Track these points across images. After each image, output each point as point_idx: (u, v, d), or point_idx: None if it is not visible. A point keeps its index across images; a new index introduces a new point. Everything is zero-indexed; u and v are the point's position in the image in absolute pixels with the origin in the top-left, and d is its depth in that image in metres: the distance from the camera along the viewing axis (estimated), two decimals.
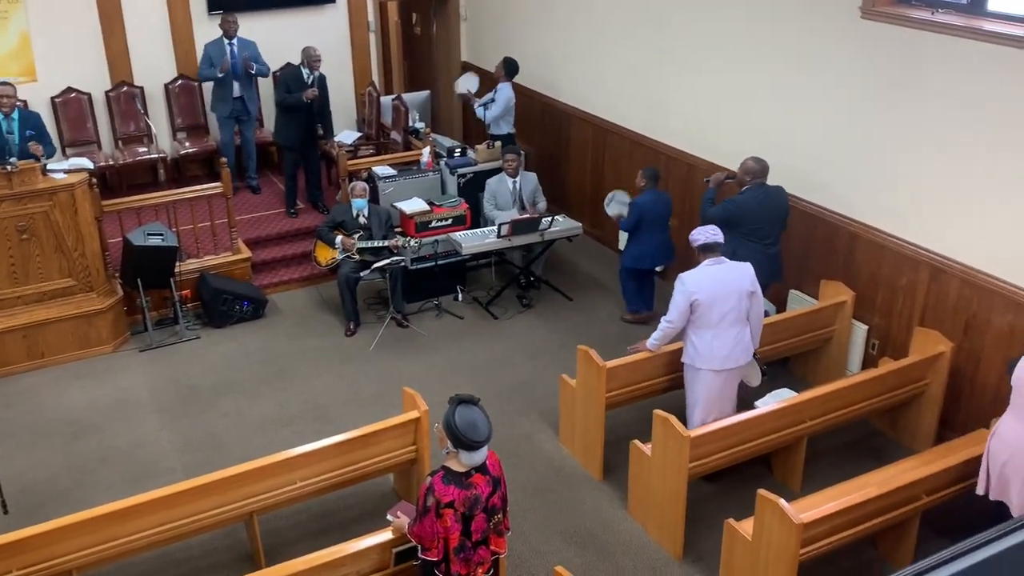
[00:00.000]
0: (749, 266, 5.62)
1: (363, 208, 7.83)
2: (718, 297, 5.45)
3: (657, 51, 8.17)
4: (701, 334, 5.53)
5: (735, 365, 5.58)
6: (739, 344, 5.56)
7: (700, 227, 5.68)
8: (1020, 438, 4.61)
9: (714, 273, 5.50)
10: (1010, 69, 5.32)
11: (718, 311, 5.46)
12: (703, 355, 5.55)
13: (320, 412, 6.76)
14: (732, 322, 5.51)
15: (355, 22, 10.66)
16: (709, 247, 5.54)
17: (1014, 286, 5.52)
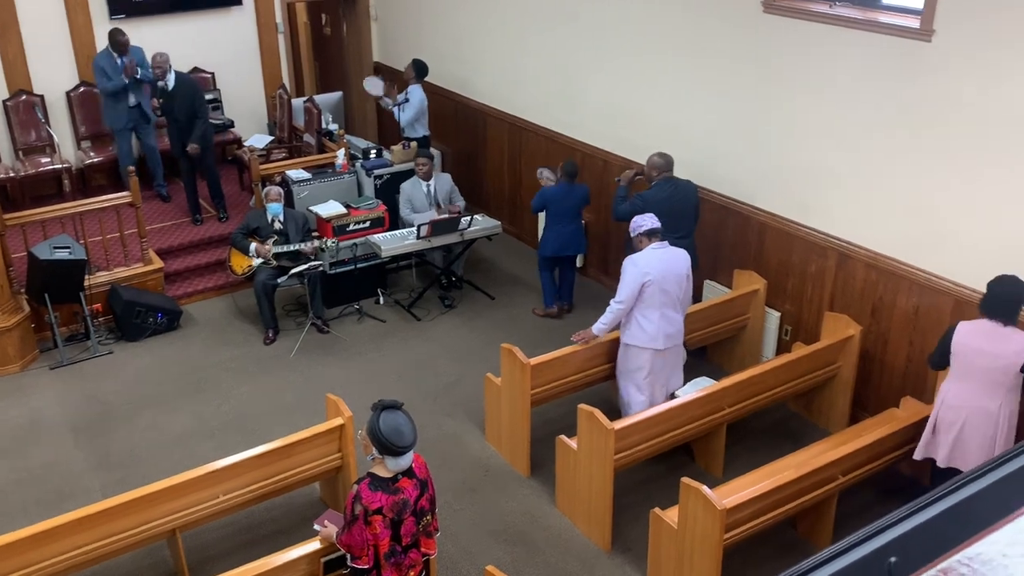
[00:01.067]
0: (686, 252, 5.84)
1: (278, 213, 7.72)
2: (666, 277, 5.65)
3: (569, 48, 8.25)
4: (649, 314, 5.69)
5: (674, 344, 5.81)
6: (679, 324, 5.82)
7: (639, 216, 5.84)
8: (971, 400, 4.84)
9: (661, 255, 5.69)
10: (904, 60, 5.53)
11: (666, 292, 5.66)
12: (650, 334, 5.72)
13: (241, 423, 6.65)
14: (674, 303, 5.74)
15: (263, 24, 10.49)
16: (653, 231, 5.72)
17: (917, 268, 5.74)
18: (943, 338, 4.98)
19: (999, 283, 4.77)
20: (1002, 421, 4.81)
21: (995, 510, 1.01)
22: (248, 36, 10.46)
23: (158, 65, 8.57)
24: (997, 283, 4.78)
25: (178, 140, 8.78)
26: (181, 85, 8.68)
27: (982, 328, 4.80)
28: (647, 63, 7.43)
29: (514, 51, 8.96)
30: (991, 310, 4.78)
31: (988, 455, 4.87)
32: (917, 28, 5.43)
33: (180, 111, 8.63)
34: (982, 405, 4.83)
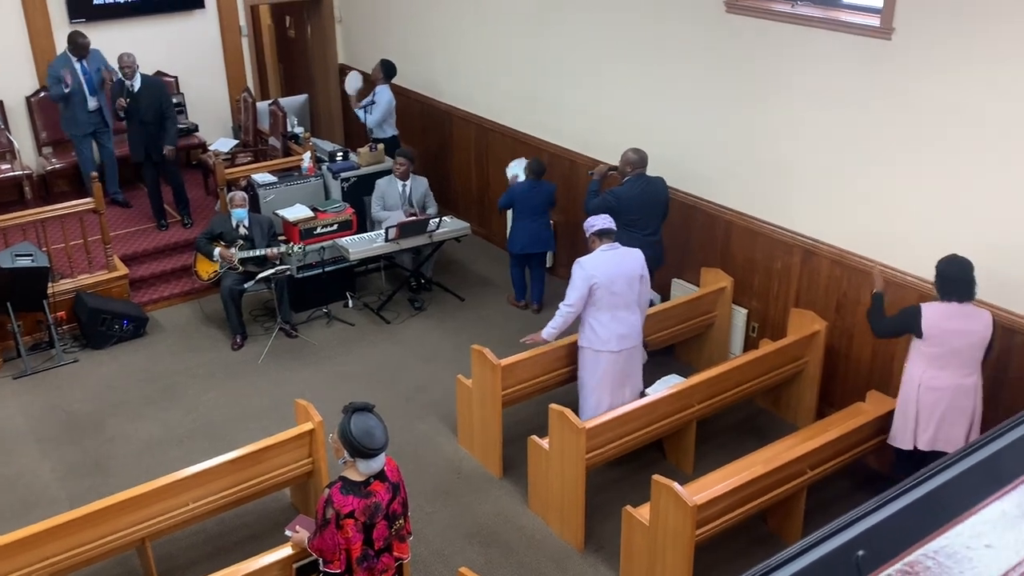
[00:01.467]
0: (640, 252, 5.83)
1: (243, 218, 7.66)
2: (615, 280, 5.63)
3: (535, 49, 8.27)
4: (600, 317, 5.69)
5: (631, 345, 5.78)
6: (635, 327, 5.79)
7: (593, 216, 5.85)
8: (952, 380, 4.96)
9: (610, 257, 5.68)
10: (865, 58, 5.60)
11: (615, 294, 5.65)
12: (602, 337, 5.71)
13: (210, 430, 6.59)
14: (626, 305, 5.72)
15: (226, 26, 10.41)
16: (605, 232, 5.73)
17: (878, 263, 5.80)
18: (904, 315, 5.07)
19: (954, 265, 4.89)
20: (977, 394, 4.99)
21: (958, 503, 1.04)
22: (211, 39, 10.38)
23: (127, 65, 8.45)
24: (952, 266, 4.89)
25: (141, 144, 8.64)
26: (147, 87, 8.57)
27: (950, 310, 4.91)
28: (613, 63, 7.47)
29: (480, 52, 8.96)
30: (952, 292, 4.90)
31: (969, 429, 5.03)
32: (877, 26, 5.51)
33: (147, 113, 8.51)
34: (962, 383, 4.96)
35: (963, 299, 4.90)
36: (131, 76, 8.47)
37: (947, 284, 4.91)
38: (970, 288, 4.89)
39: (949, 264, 4.90)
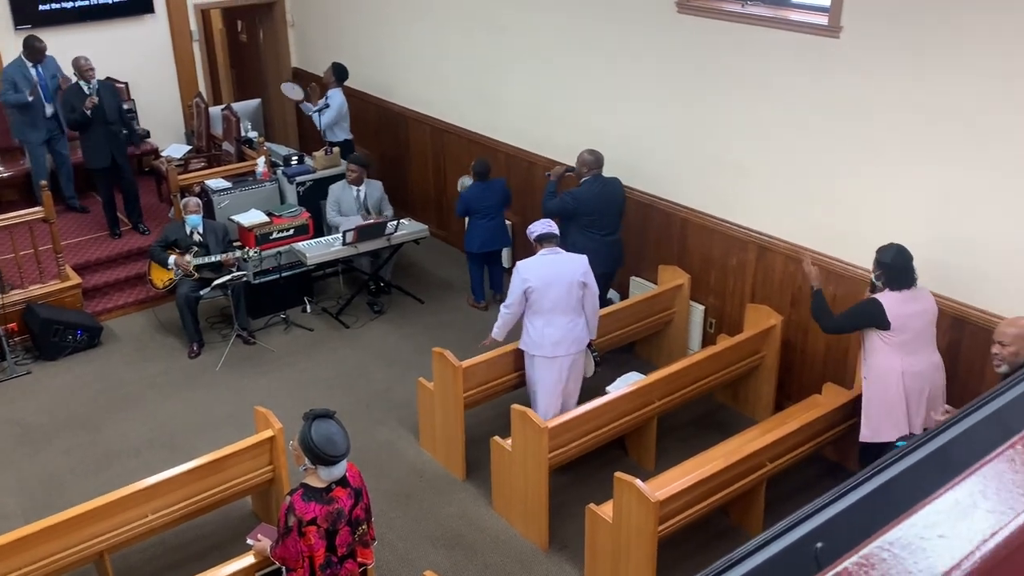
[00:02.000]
0: (584, 258, 5.81)
1: (198, 225, 7.56)
2: (551, 284, 5.64)
3: (490, 49, 8.27)
4: (534, 321, 5.73)
5: (565, 353, 5.75)
6: (571, 333, 5.74)
7: (536, 221, 5.87)
8: (927, 360, 5.10)
9: (548, 262, 5.70)
10: (815, 56, 5.69)
11: (550, 298, 5.66)
12: (535, 341, 5.75)
13: (168, 439, 6.51)
14: (563, 310, 5.70)
15: (177, 31, 10.28)
16: (545, 237, 5.75)
17: (833, 259, 5.91)
18: (863, 312, 5.11)
19: (901, 256, 5.00)
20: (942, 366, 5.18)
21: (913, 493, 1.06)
22: (162, 44, 10.24)
23: (86, 68, 8.25)
24: (899, 257, 4.99)
25: (106, 147, 8.37)
26: (104, 90, 8.41)
27: (903, 296, 5.02)
28: (567, 64, 7.50)
29: (435, 54, 8.95)
30: (904, 281, 5.01)
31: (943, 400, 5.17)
32: (825, 25, 5.60)
33: (111, 115, 8.34)
34: (934, 360, 5.14)
35: (911, 285, 5.03)
36: (91, 79, 8.30)
37: (898, 274, 5.00)
38: (914, 273, 5.05)
39: (896, 256, 5.00)
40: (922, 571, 0.80)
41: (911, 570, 0.80)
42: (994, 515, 0.88)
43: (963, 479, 0.96)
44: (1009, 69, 4.81)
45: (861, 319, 5.15)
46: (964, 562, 0.81)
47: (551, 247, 5.74)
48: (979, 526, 0.86)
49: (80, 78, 8.29)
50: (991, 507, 0.89)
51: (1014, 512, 0.88)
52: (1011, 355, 4.24)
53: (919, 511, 0.90)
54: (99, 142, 8.40)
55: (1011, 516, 0.87)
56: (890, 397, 5.14)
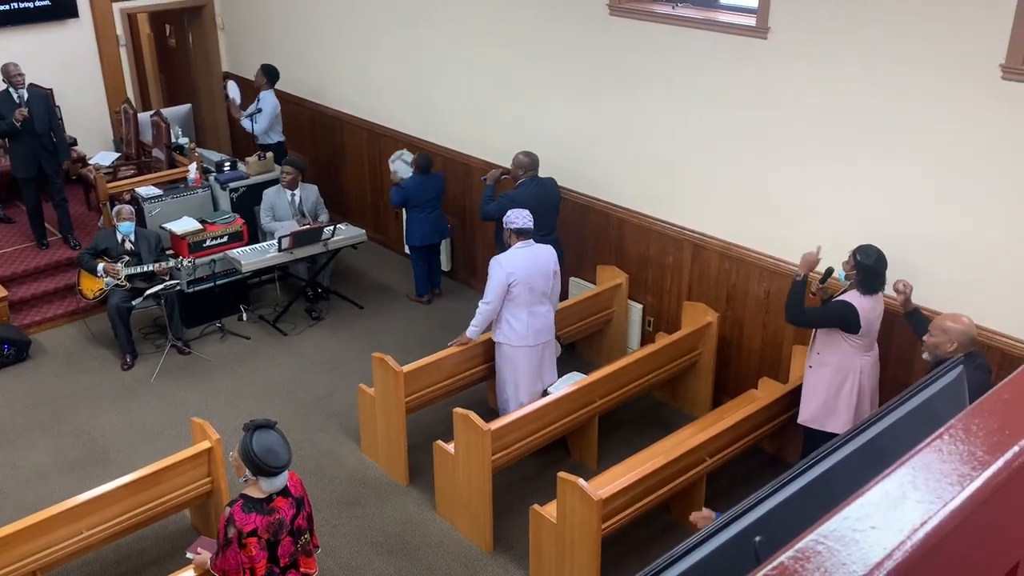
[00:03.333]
0: (551, 248, 5.95)
1: (130, 233, 7.40)
2: (532, 276, 5.73)
3: (424, 53, 8.25)
4: (518, 313, 5.78)
5: (546, 340, 5.94)
6: (548, 320, 5.93)
7: (514, 210, 5.89)
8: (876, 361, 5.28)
9: (526, 254, 5.77)
10: (744, 57, 5.79)
11: (533, 290, 5.75)
12: (520, 333, 5.81)
13: (103, 453, 6.36)
14: (543, 300, 5.84)
15: (103, 36, 10.04)
16: (522, 231, 5.78)
17: (765, 255, 6.02)
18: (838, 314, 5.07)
19: (882, 260, 4.99)
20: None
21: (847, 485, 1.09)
22: (87, 50, 9.99)
23: (16, 74, 7.93)
24: (880, 260, 4.99)
25: (34, 158, 8.09)
26: (36, 98, 8.12)
27: (872, 301, 5.09)
28: (502, 66, 7.52)
29: (368, 56, 8.89)
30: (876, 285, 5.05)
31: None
32: (753, 26, 5.70)
33: (40, 125, 8.06)
34: (877, 356, 5.31)
35: (882, 290, 5.08)
36: (20, 86, 8.01)
37: (875, 278, 5.02)
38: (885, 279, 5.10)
39: (878, 260, 4.99)
40: (856, 562, 0.83)
41: (845, 561, 0.83)
42: (923, 505, 0.90)
43: (893, 470, 0.99)
44: (935, 68, 4.96)
45: (833, 320, 5.13)
46: (896, 552, 0.84)
47: (526, 240, 5.80)
48: (909, 516, 0.89)
49: (9, 84, 8.00)
50: (920, 497, 0.92)
51: (942, 501, 0.90)
52: (933, 345, 4.49)
53: (852, 503, 0.92)
54: (27, 152, 8.11)
55: (939, 505, 0.90)
56: (844, 393, 5.24)
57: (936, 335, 4.49)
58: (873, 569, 0.81)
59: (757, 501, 1.70)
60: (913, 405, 1.93)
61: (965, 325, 4.45)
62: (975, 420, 1.03)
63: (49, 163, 8.23)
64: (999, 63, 4.69)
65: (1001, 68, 4.68)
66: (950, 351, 4.36)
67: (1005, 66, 4.67)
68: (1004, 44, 4.66)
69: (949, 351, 4.36)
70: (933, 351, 4.49)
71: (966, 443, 0.99)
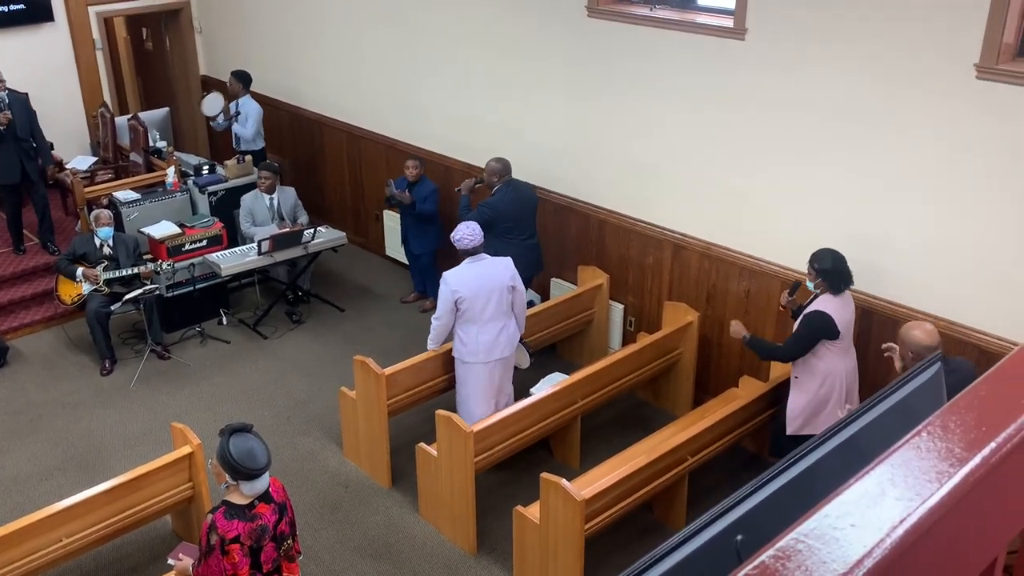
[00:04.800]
0: (509, 261, 5.86)
1: (108, 238, 7.34)
2: (480, 293, 5.66)
3: (404, 55, 8.24)
4: (468, 329, 5.73)
5: (501, 356, 5.82)
6: (503, 335, 5.81)
7: (460, 226, 5.83)
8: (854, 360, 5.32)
9: (475, 270, 5.70)
10: (721, 58, 5.82)
11: (482, 306, 5.67)
12: (471, 349, 5.75)
13: (82, 460, 6.30)
14: (496, 316, 5.74)
15: (79, 40, 9.96)
16: (472, 248, 5.72)
17: (745, 255, 6.05)
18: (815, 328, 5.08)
19: (840, 260, 5.06)
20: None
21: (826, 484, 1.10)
22: (63, 53, 9.91)
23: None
24: (839, 261, 5.05)
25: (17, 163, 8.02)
26: (16, 102, 8.06)
27: (841, 302, 5.13)
28: (480, 68, 7.52)
29: (348, 59, 8.87)
30: (844, 282, 5.10)
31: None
32: (731, 27, 5.73)
33: (22, 129, 7.98)
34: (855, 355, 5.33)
35: (851, 283, 5.14)
36: (3, 88, 7.96)
37: (839, 277, 5.07)
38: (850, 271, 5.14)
39: (836, 260, 5.04)
40: (836, 560, 0.83)
41: (825, 560, 0.83)
42: (902, 502, 0.91)
43: (872, 468, 1.00)
44: (910, 68, 5.00)
45: (816, 336, 5.11)
46: (875, 549, 0.85)
47: (476, 255, 5.75)
48: (888, 513, 0.89)
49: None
50: (899, 494, 0.93)
51: (921, 498, 0.91)
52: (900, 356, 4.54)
53: (831, 501, 0.93)
54: (10, 157, 8.05)
55: (918, 502, 0.91)
56: (832, 399, 5.25)
57: (898, 344, 4.55)
58: (853, 567, 0.82)
59: (738, 500, 1.71)
60: (891, 403, 1.95)
61: (925, 333, 4.44)
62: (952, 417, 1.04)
63: (31, 168, 8.17)
64: (973, 63, 4.73)
65: (975, 68, 4.73)
66: (910, 359, 4.40)
67: (979, 66, 4.72)
68: (978, 44, 4.71)
69: (909, 359, 4.41)
70: (908, 362, 4.51)
71: (944, 440, 1.00)
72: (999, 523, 1.04)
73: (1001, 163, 4.78)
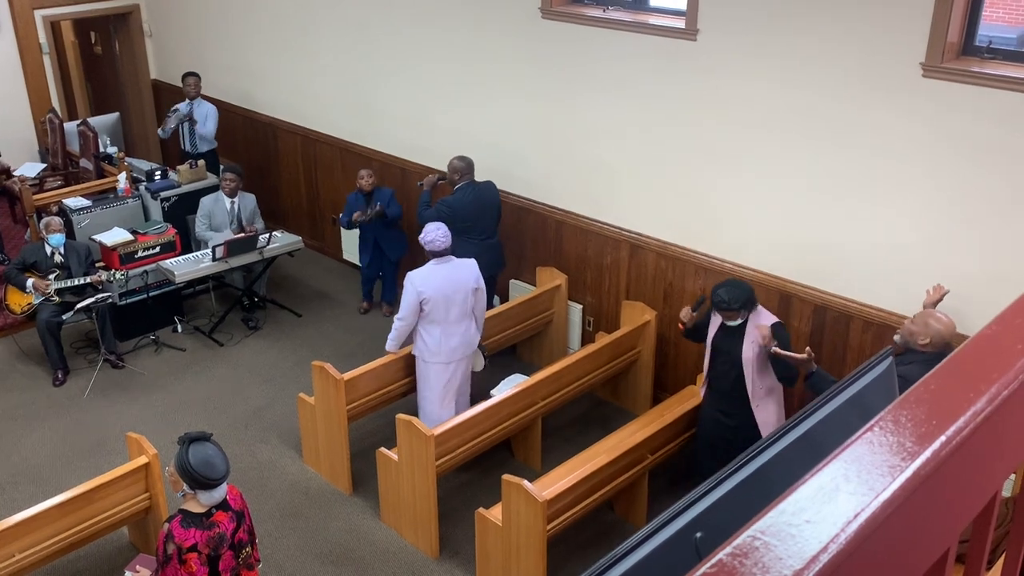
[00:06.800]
0: (474, 263, 5.88)
1: (59, 245, 7.20)
2: (446, 294, 5.66)
3: (357, 57, 8.19)
4: (431, 330, 5.72)
5: (460, 357, 5.85)
6: (465, 337, 5.83)
7: (429, 226, 5.82)
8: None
9: (441, 271, 5.70)
10: (674, 59, 5.87)
11: (447, 308, 5.66)
12: (432, 349, 5.75)
13: (34, 473, 6.18)
14: (459, 318, 5.75)
15: (25, 45, 9.77)
16: (438, 250, 5.72)
17: (700, 253, 6.11)
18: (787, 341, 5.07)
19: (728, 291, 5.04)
20: None
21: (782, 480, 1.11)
22: (8, 58, 9.71)
23: None
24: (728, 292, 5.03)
25: None
26: None
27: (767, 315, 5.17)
28: (436, 70, 7.50)
29: (300, 61, 8.80)
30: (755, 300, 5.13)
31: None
32: (683, 28, 5.78)
33: None
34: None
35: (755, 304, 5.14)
36: None
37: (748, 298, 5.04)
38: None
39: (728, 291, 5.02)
40: (792, 556, 0.84)
41: (782, 556, 0.84)
42: (856, 497, 0.92)
43: (826, 464, 1.01)
44: (859, 68, 5.09)
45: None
46: (831, 544, 0.86)
47: (443, 256, 5.75)
48: (843, 508, 0.90)
49: None
50: (853, 489, 0.94)
51: (874, 493, 0.93)
52: (909, 332, 4.55)
53: (787, 498, 0.94)
54: None
55: (872, 497, 0.92)
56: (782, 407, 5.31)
57: (917, 324, 4.55)
58: (809, 562, 0.83)
59: (697, 497, 1.72)
60: (845, 397, 1.98)
61: (945, 326, 4.48)
62: (903, 411, 1.06)
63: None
64: (919, 62, 4.83)
65: (921, 67, 4.82)
66: (921, 344, 4.46)
67: (925, 64, 4.81)
68: (924, 42, 4.80)
69: (920, 344, 4.46)
70: (907, 337, 4.55)
71: (895, 435, 1.01)
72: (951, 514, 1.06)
73: (947, 160, 4.88)
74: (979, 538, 1.20)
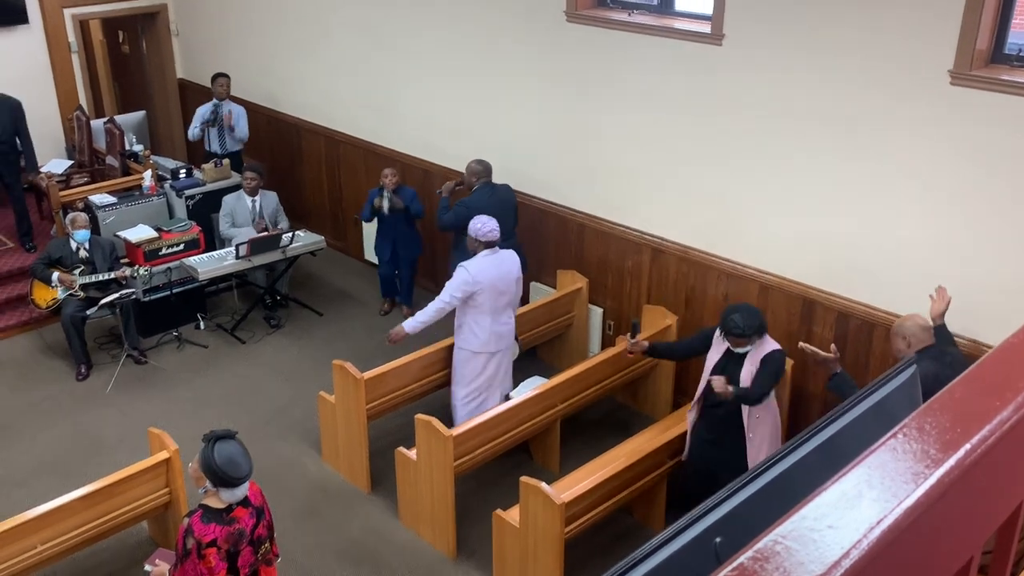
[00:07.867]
0: (515, 254, 6.00)
1: (85, 241, 7.28)
2: (497, 285, 5.77)
3: (382, 59, 8.22)
4: (481, 320, 5.81)
5: (507, 346, 6.00)
6: (509, 324, 6.00)
7: (480, 217, 5.89)
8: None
9: (492, 262, 5.82)
10: (699, 63, 5.85)
11: (497, 297, 5.78)
12: (482, 340, 5.85)
13: (57, 466, 6.24)
14: (507, 306, 5.90)
15: (54, 43, 9.87)
16: (490, 242, 5.81)
17: (723, 258, 6.09)
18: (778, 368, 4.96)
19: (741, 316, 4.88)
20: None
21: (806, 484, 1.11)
22: (38, 56, 9.81)
23: None
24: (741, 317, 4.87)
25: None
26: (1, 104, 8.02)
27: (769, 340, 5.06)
28: (460, 73, 7.52)
29: (326, 62, 8.84)
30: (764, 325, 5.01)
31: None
32: (709, 33, 5.76)
33: (3, 133, 7.96)
34: None
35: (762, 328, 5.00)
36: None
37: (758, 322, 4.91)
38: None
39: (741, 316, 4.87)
40: (814, 561, 0.84)
41: (803, 561, 0.84)
42: (879, 503, 0.92)
43: (849, 470, 1.01)
44: (886, 74, 5.05)
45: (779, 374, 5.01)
46: (853, 550, 0.85)
47: (492, 248, 5.83)
48: (865, 515, 0.90)
49: None
50: (876, 496, 0.94)
51: (897, 499, 0.92)
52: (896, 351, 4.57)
53: (809, 503, 0.94)
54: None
55: (895, 503, 0.92)
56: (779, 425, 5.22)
57: (894, 342, 4.59)
58: (831, 568, 0.83)
59: (717, 502, 1.72)
60: (868, 405, 1.97)
61: (907, 320, 4.54)
62: (928, 419, 1.05)
63: (9, 171, 8.15)
64: (947, 69, 4.79)
65: (950, 74, 4.79)
66: (906, 350, 4.45)
67: (953, 72, 4.77)
68: (952, 51, 4.77)
69: (906, 350, 4.45)
70: (901, 356, 4.54)
71: (919, 442, 1.01)
72: (974, 523, 1.05)
73: (975, 167, 4.84)
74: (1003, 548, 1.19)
